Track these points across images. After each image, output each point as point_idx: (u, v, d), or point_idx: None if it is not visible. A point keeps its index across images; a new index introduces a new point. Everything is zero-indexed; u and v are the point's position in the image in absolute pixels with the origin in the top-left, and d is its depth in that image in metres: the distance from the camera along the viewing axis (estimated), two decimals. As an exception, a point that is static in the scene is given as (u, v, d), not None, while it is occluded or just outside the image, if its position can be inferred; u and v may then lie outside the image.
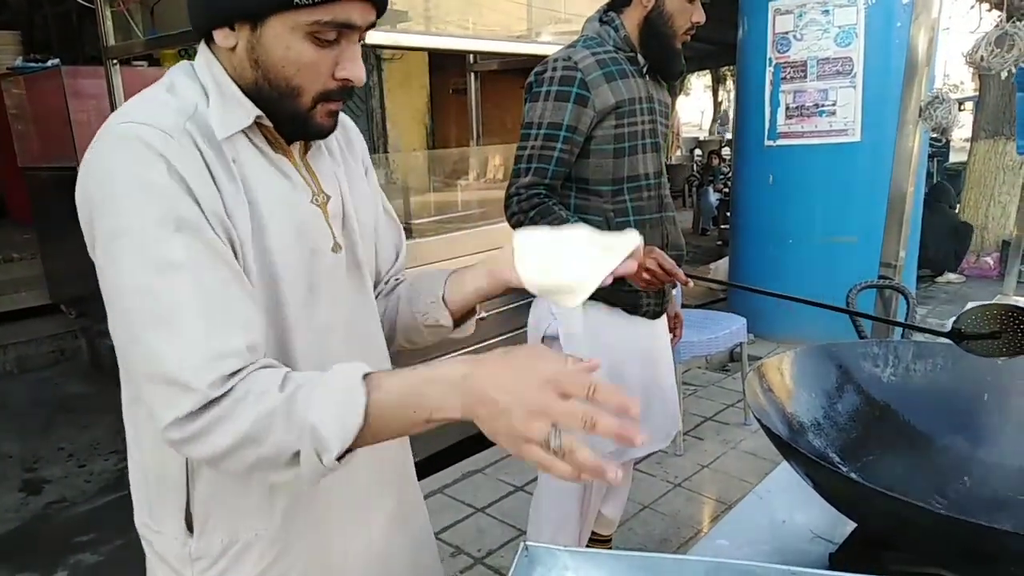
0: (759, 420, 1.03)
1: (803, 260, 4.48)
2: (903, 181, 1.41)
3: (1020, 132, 2.67)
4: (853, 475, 1.09)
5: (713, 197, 9.57)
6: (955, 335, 1.17)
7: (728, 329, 3.33)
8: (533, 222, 1.63)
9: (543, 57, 1.81)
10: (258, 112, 0.84)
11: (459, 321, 1.06)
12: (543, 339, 1.85)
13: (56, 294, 5.19)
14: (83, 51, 6.36)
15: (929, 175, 9.47)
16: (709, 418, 3.60)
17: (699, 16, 1.73)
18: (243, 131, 0.84)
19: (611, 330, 1.82)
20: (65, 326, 5.01)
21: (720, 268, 5.74)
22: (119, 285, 0.75)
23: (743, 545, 1.15)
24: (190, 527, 0.89)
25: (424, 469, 2.50)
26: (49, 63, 4.93)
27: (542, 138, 1.68)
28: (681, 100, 17.08)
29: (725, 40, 7.45)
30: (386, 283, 1.12)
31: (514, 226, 1.68)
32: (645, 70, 1.79)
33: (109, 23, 2.80)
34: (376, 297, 1.07)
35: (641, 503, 2.73)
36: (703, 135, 18.01)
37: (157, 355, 0.73)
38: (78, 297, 4.90)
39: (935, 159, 9.94)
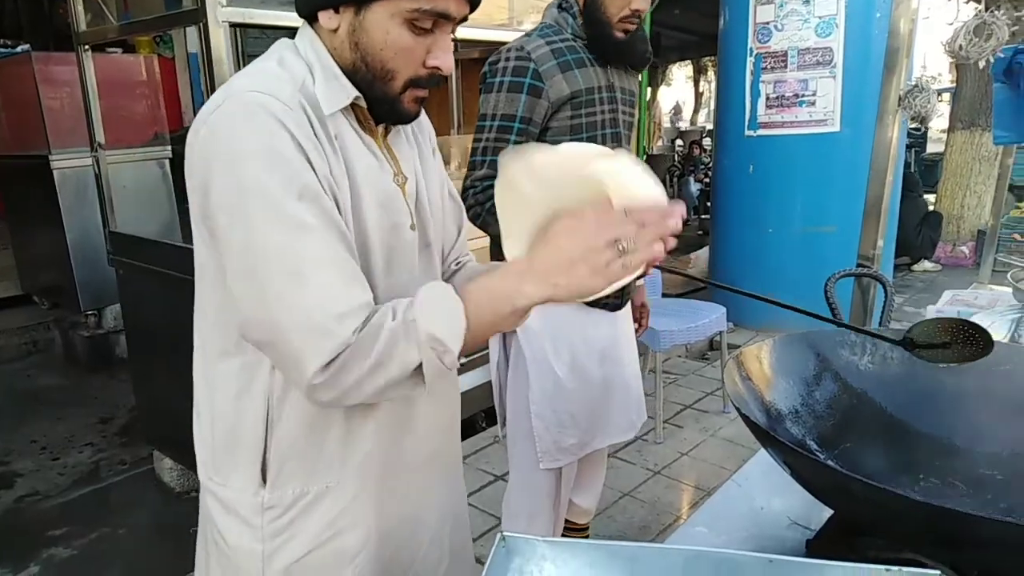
0: (738, 409, 1.03)
1: (783, 249, 4.51)
2: (882, 171, 1.42)
3: (997, 123, 2.68)
4: (831, 462, 1.10)
5: (694, 187, 9.61)
6: (907, 344, 1.16)
7: (708, 318, 3.35)
8: (491, 214, 1.61)
9: None
10: (356, 92, 0.89)
11: None
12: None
13: (29, 284, 5.10)
14: (54, 36, 6.23)
15: (907, 165, 9.58)
16: (688, 406, 3.63)
17: (639, 3, 1.64)
18: (341, 109, 0.88)
19: (570, 324, 1.80)
20: (38, 317, 4.92)
21: (701, 258, 5.76)
22: (251, 242, 0.79)
23: (722, 533, 1.15)
24: (264, 478, 0.94)
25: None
26: (19, 48, 4.82)
27: (496, 130, 1.65)
28: (662, 90, 17.08)
29: (706, 30, 7.46)
30: (447, 265, 1.18)
31: (472, 219, 1.66)
32: (607, 58, 1.74)
33: (80, 7, 2.73)
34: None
35: (620, 491, 2.74)
36: (684, 125, 18.05)
37: (301, 306, 0.78)
38: (51, 287, 4.81)
39: (912, 149, 10.04)
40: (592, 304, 1.77)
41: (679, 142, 14.34)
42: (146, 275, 2.70)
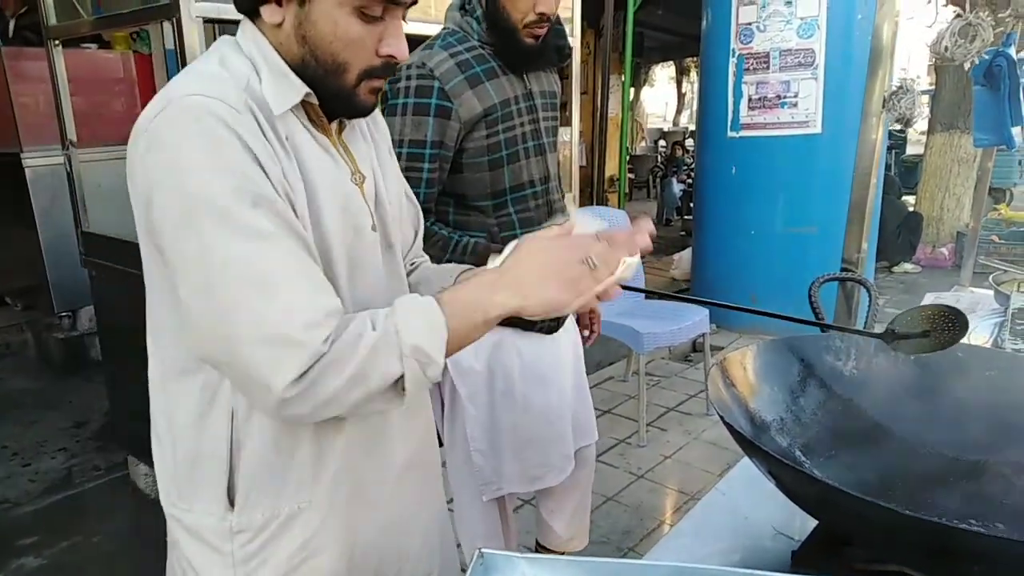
0: (722, 417, 1.00)
1: (765, 250, 4.52)
2: (866, 174, 1.40)
3: (977, 126, 2.69)
4: (816, 472, 1.08)
5: (677, 188, 9.63)
6: (888, 335, 1.16)
7: (691, 320, 3.34)
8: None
9: None
10: (307, 89, 0.85)
11: None
12: None
13: (1, 285, 4.99)
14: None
15: (887, 167, 9.66)
16: (672, 408, 3.61)
17: (544, 5, 1.48)
18: (291, 108, 0.84)
19: (506, 351, 1.70)
20: (11, 319, 4.82)
21: (683, 259, 5.76)
22: (205, 255, 0.74)
23: (705, 544, 1.13)
24: (231, 502, 0.89)
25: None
26: (-11, 44, 4.71)
27: (406, 158, 1.49)
28: (646, 91, 17.13)
29: (689, 31, 7.46)
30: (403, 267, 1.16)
31: None
32: (518, 67, 1.58)
33: (50, 1, 2.67)
34: None
35: (604, 495, 2.72)
36: (667, 126, 18.11)
37: (265, 318, 0.74)
38: (25, 288, 4.71)
39: (893, 151, 10.14)
40: (526, 328, 1.68)
41: (662, 143, 14.39)
42: (119, 276, 2.64)
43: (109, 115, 4.46)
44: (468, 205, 1.62)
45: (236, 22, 0.91)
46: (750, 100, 4.44)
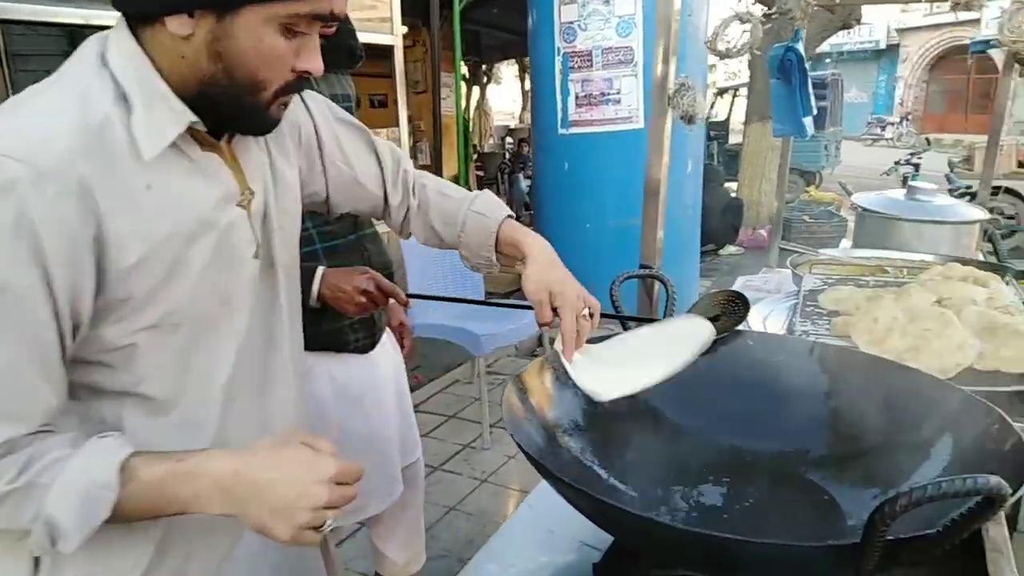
0: (513, 436, 0.96)
1: (599, 243, 4.62)
2: (656, 167, 1.42)
3: (775, 117, 2.88)
4: (613, 480, 1.07)
5: (523, 184, 9.77)
6: None
7: (529, 317, 3.34)
8: None
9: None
10: (192, 118, 0.76)
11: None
12: None
13: None
14: None
15: (710, 156, 10.33)
16: (518, 407, 3.61)
17: (335, 5, 1.50)
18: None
19: (318, 377, 1.60)
20: None
21: (527, 254, 5.82)
22: None
23: (511, 566, 1.09)
24: (37, 567, 0.79)
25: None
26: None
27: None
28: (492, 88, 17.29)
29: (525, 29, 7.56)
30: (403, 193, 1.15)
31: None
32: None
33: None
34: (405, 215, 1.16)
35: (446, 505, 2.66)
36: (514, 123, 18.39)
37: None
38: None
39: (716, 141, 10.85)
40: (340, 349, 1.60)
41: (509, 140, 14.57)
42: None
43: None
44: None
45: (32, 23, 0.75)
46: (577, 97, 4.53)
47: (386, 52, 4.83)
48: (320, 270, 1.43)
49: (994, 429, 0.90)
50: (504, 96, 21.67)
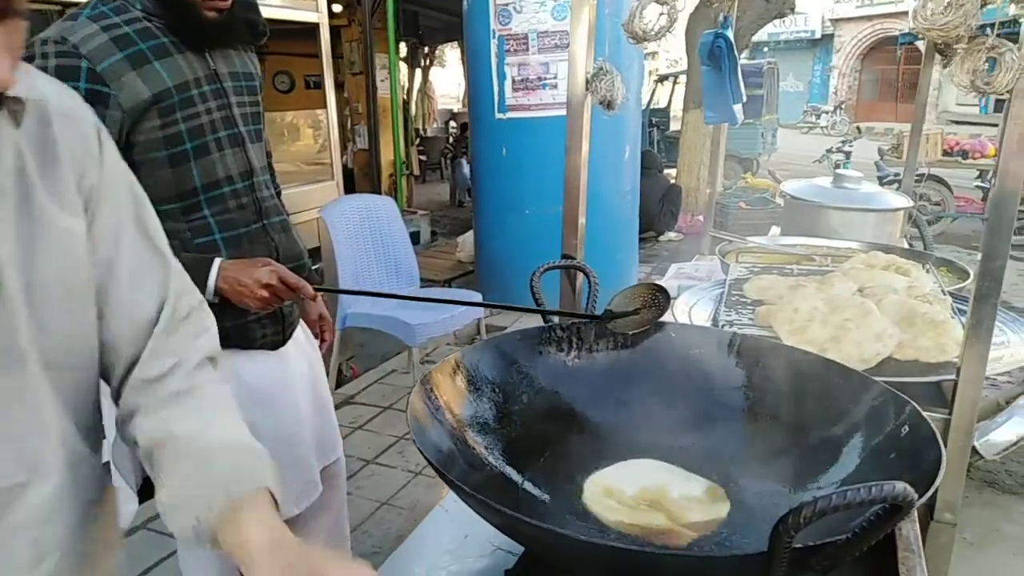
0: (415, 442, 0.91)
1: (539, 228, 4.57)
2: (575, 155, 1.37)
3: (706, 104, 2.87)
4: (525, 482, 1.02)
5: (466, 168, 9.66)
6: (606, 316, 1.19)
7: (464, 306, 3.29)
8: None
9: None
10: None
11: None
12: None
13: None
14: None
15: (653, 143, 10.41)
16: (454, 397, 3.56)
17: None
18: None
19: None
20: None
21: (467, 241, 5.76)
22: None
23: (424, 572, 1.04)
24: None
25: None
26: None
27: None
28: (437, 71, 17.05)
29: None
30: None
31: None
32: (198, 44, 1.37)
33: None
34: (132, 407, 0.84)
35: (378, 500, 2.59)
36: (458, 107, 18.20)
37: None
38: None
39: (657, 127, 10.93)
40: (247, 346, 1.48)
41: (452, 124, 14.42)
42: None
43: None
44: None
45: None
46: (514, 82, 4.46)
47: (315, 31, 4.67)
48: (217, 262, 1.32)
49: (908, 423, 0.88)
50: (448, 80, 21.42)
